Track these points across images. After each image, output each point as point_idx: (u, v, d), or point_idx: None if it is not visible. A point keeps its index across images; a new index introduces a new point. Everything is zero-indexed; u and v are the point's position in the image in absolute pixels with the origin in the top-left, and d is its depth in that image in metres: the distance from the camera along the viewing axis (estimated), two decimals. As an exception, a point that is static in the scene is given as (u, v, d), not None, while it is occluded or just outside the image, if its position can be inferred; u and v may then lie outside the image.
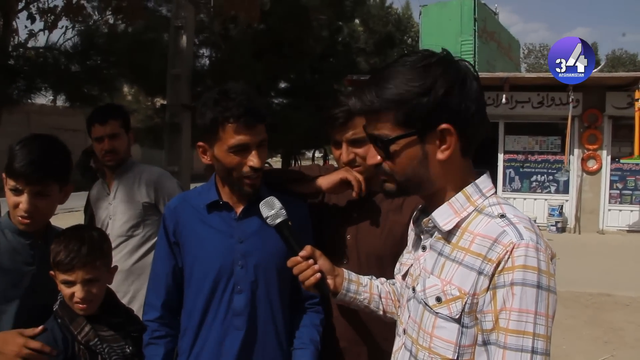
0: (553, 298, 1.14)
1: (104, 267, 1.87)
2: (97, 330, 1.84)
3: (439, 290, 1.24)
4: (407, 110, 1.22)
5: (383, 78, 1.26)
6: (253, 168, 1.76)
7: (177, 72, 7.63)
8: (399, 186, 1.31)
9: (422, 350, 1.27)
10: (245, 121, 1.72)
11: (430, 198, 1.33)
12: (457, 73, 1.23)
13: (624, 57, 47.11)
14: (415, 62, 1.24)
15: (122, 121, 3.00)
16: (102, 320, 1.87)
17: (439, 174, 1.27)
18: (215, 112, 1.73)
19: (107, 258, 1.91)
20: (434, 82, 1.20)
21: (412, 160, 1.26)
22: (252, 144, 1.75)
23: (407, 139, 1.25)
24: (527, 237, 1.15)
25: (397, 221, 1.95)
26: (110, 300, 1.95)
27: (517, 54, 24.07)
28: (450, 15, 16.96)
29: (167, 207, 1.96)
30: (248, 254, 1.84)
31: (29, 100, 6.91)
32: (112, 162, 2.99)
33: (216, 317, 1.84)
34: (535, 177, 13.27)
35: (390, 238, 1.94)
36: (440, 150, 1.24)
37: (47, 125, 24.06)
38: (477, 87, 1.24)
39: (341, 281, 1.65)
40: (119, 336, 1.87)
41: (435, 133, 1.23)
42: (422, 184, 1.29)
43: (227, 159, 1.76)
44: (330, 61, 17.14)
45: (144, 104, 13.89)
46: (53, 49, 6.79)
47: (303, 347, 1.90)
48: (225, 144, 1.74)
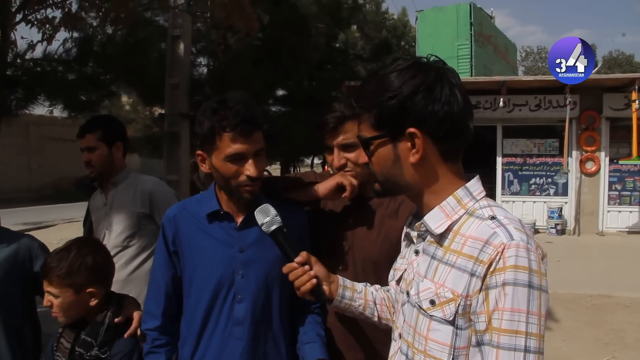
0: (545, 297, 1.16)
1: (75, 289, 2.02)
2: (68, 339, 2.07)
3: (432, 293, 1.26)
4: (377, 113, 1.29)
5: (363, 84, 1.37)
6: (250, 177, 1.77)
7: (175, 81, 7.65)
8: (382, 186, 1.38)
9: (418, 353, 1.29)
10: (242, 130, 1.73)
11: (416, 201, 1.37)
12: (425, 77, 1.26)
13: (620, 59, 47.17)
14: (394, 68, 1.30)
15: (101, 133, 3.00)
16: (79, 335, 2.07)
17: (415, 177, 1.31)
18: (212, 121, 1.75)
19: (89, 282, 2.04)
20: (401, 85, 1.25)
21: (386, 161, 1.32)
22: (249, 153, 1.76)
23: (380, 140, 1.32)
24: (518, 237, 1.17)
25: (392, 226, 1.96)
26: (96, 318, 2.08)
27: (514, 57, 24.14)
28: (447, 19, 17.02)
29: (167, 216, 1.96)
30: (249, 264, 1.85)
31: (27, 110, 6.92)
32: (92, 173, 3.05)
33: (217, 326, 1.85)
34: (534, 179, 13.29)
35: (386, 243, 1.95)
36: (411, 153, 1.28)
37: (47, 136, 24.19)
38: (450, 92, 1.26)
39: (336, 288, 1.67)
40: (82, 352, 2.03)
41: (405, 136, 1.27)
42: (399, 185, 1.34)
43: (224, 167, 1.77)
44: (328, 68, 17.18)
45: (142, 113, 13.89)
46: (51, 60, 6.81)
47: (312, 341, 1.89)
48: (223, 153, 1.75)
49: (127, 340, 2.09)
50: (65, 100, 6.86)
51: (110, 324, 2.08)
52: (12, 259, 2.23)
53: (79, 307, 2.06)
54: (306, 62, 13.78)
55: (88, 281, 2.05)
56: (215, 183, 1.93)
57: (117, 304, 2.16)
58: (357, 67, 19.93)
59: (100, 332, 2.06)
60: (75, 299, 2.04)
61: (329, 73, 16.82)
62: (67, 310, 2.05)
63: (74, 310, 2.06)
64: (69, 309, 2.04)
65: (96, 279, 2.07)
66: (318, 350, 1.86)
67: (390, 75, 1.29)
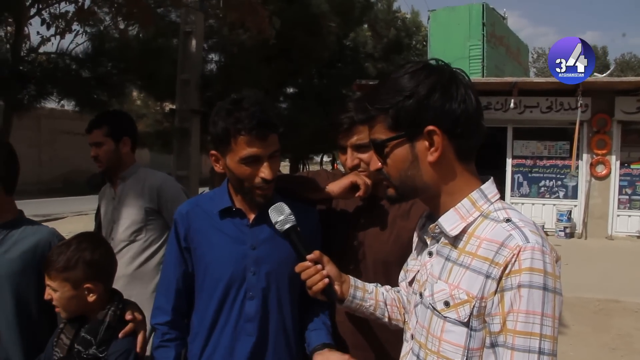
0: (559, 299, 1.16)
1: (72, 284, 2.02)
2: (68, 335, 2.07)
3: (447, 294, 1.26)
4: (394, 114, 1.29)
5: (377, 87, 1.35)
6: (264, 180, 1.77)
7: (186, 77, 7.68)
8: (397, 190, 1.37)
9: (431, 354, 1.29)
10: (257, 133, 1.72)
11: (432, 203, 1.37)
12: (440, 77, 1.28)
13: (633, 62, 46.90)
14: (406, 70, 1.31)
15: (108, 129, 3.03)
16: (78, 331, 2.07)
17: (432, 177, 1.31)
18: (227, 123, 1.74)
19: (86, 277, 2.04)
20: (417, 85, 1.26)
21: (404, 162, 1.32)
22: (264, 156, 1.76)
23: (397, 141, 1.31)
24: (533, 240, 1.17)
25: (404, 227, 1.97)
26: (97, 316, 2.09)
27: (526, 59, 24.02)
28: (459, 20, 16.95)
29: (179, 212, 1.96)
30: (260, 261, 1.85)
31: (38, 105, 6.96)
32: (100, 168, 3.09)
33: (227, 322, 1.85)
34: (543, 182, 13.24)
35: (398, 244, 1.95)
36: (429, 152, 1.28)
37: (58, 129, 24.32)
38: (465, 91, 1.28)
39: (348, 288, 1.67)
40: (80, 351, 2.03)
41: (422, 135, 1.27)
42: (417, 187, 1.33)
43: (239, 169, 1.78)
44: (338, 66, 17.17)
45: (153, 108, 13.92)
46: (64, 55, 6.85)
47: (318, 329, 1.90)
48: (237, 155, 1.75)
49: (124, 340, 2.08)
50: (77, 98, 6.90)
51: (110, 323, 2.07)
52: (32, 252, 2.23)
53: (78, 302, 2.06)
54: (317, 60, 13.77)
55: (85, 277, 2.04)
56: (227, 180, 1.93)
57: (119, 302, 2.16)
58: (367, 66, 19.89)
59: (100, 330, 2.06)
60: (74, 294, 2.04)
61: (339, 71, 16.81)
62: (66, 305, 2.06)
63: (73, 305, 2.06)
64: (67, 304, 2.05)
65: (94, 275, 2.07)
66: (324, 335, 1.87)
67: (403, 77, 1.29)
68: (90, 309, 2.10)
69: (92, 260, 2.06)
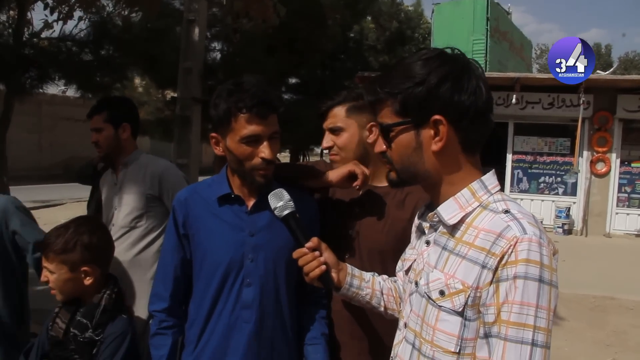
0: (554, 292, 1.16)
1: (69, 266, 2.08)
2: (64, 320, 2.13)
3: (442, 283, 1.26)
4: (403, 99, 1.29)
5: (389, 71, 1.35)
6: (264, 159, 1.78)
7: (188, 65, 7.64)
8: (399, 175, 1.37)
9: (425, 343, 1.30)
10: (258, 111, 1.74)
11: (432, 191, 1.37)
12: (453, 67, 1.27)
13: (636, 60, 46.75)
14: (420, 56, 1.30)
15: (107, 115, 3.04)
16: (74, 315, 2.13)
17: (435, 166, 1.31)
18: (228, 103, 1.75)
19: (84, 260, 2.09)
20: (429, 73, 1.26)
21: (407, 148, 1.32)
22: (264, 135, 1.77)
23: (403, 126, 1.31)
24: (531, 232, 1.17)
25: (399, 217, 1.97)
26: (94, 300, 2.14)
27: (529, 54, 23.98)
28: (463, 14, 16.91)
29: (177, 199, 1.96)
30: (258, 248, 1.86)
31: (40, 89, 6.95)
32: (100, 153, 3.11)
33: (225, 309, 1.86)
34: (543, 178, 13.23)
35: (392, 233, 1.96)
36: (434, 141, 1.28)
37: (58, 116, 24.28)
38: (476, 84, 1.28)
39: (345, 275, 1.68)
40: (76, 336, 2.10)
41: (428, 124, 1.27)
42: (418, 173, 1.34)
43: (239, 149, 1.78)
44: (342, 58, 17.14)
45: (155, 96, 13.93)
46: (66, 40, 6.84)
47: (315, 343, 1.93)
48: (238, 134, 1.76)
49: (120, 322, 2.13)
50: (79, 82, 6.90)
51: (106, 306, 2.12)
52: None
53: (74, 285, 2.10)
54: (321, 51, 13.75)
55: (83, 259, 2.08)
56: (227, 167, 1.94)
57: (114, 285, 2.20)
58: (370, 58, 19.86)
59: (96, 314, 2.10)
60: (70, 277, 2.08)
61: (343, 63, 16.80)
62: (63, 287, 2.10)
63: (70, 287, 2.10)
64: (64, 286, 2.09)
65: (91, 258, 2.11)
66: (320, 354, 1.90)
67: (416, 63, 1.29)
68: (86, 292, 2.13)
69: (90, 243, 2.11)
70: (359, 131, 2.05)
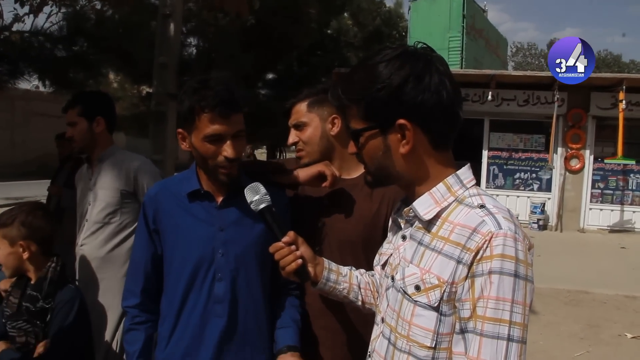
0: (530, 287, 1.16)
1: (9, 241, 2.33)
2: (16, 296, 2.37)
3: (418, 278, 1.25)
4: (366, 105, 1.28)
5: (350, 74, 1.34)
6: (227, 158, 1.77)
7: (163, 61, 7.54)
8: (373, 177, 1.37)
9: (401, 338, 1.29)
10: (220, 111, 1.73)
11: (408, 190, 1.37)
12: (414, 67, 1.25)
13: (608, 59, 47.53)
14: (382, 57, 1.28)
15: (81, 109, 3.03)
16: (25, 292, 2.38)
17: (405, 167, 1.31)
18: (192, 101, 1.75)
19: (20, 236, 2.33)
20: (389, 76, 1.24)
21: (376, 152, 1.32)
22: (227, 134, 1.76)
23: (370, 132, 1.31)
24: (506, 226, 1.16)
25: (367, 207, 2.00)
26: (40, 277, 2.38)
27: (505, 52, 24.20)
28: (439, 11, 16.97)
29: (147, 195, 1.96)
30: (229, 242, 1.85)
31: (11, 84, 6.81)
32: (75, 148, 3.12)
33: (197, 304, 1.84)
34: (518, 174, 13.39)
35: (361, 224, 1.98)
36: (401, 144, 1.27)
37: (32, 111, 23.86)
38: (439, 80, 1.25)
39: (321, 270, 1.66)
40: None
41: (394, 127, 1.26)
42: (390, 175, 1.34)
43: (202, 147, 1.78)
44: (319, 54, 17.09)
45: (130, 91, 13.76)
46: (38, 34, 6.70)
47: (285, 326, 1.92)
48: (201, 132, 1.76)
49: (68, 290, 2.40)
50: (52, 77, 6.77)
51: (52, 278, 2.37)
52: None
53: (14, 259, 2.34)
54: (297, 47, 13.70)
55: (20, 235, 2.32)
56: (195, 162, 1.93)
57: (58, 260, 2.42)
58: (349, 54, 19.85)
59: (44, 285, 2.35)
60: (10, 251, 2.33)
61: (320, 59, 16.74)
62: (6, 262, 2.34)
63: (11, 262, 2.35)
64: (6, 260, 2.35)
65: (27, 235, 2.33)
66: (290, 336, 1.89)
67: (378, 65, 1.27)
68: (28, 269, 2.38)
69: (26, 220, 2.35)
70: (321, 124, 2.07)
